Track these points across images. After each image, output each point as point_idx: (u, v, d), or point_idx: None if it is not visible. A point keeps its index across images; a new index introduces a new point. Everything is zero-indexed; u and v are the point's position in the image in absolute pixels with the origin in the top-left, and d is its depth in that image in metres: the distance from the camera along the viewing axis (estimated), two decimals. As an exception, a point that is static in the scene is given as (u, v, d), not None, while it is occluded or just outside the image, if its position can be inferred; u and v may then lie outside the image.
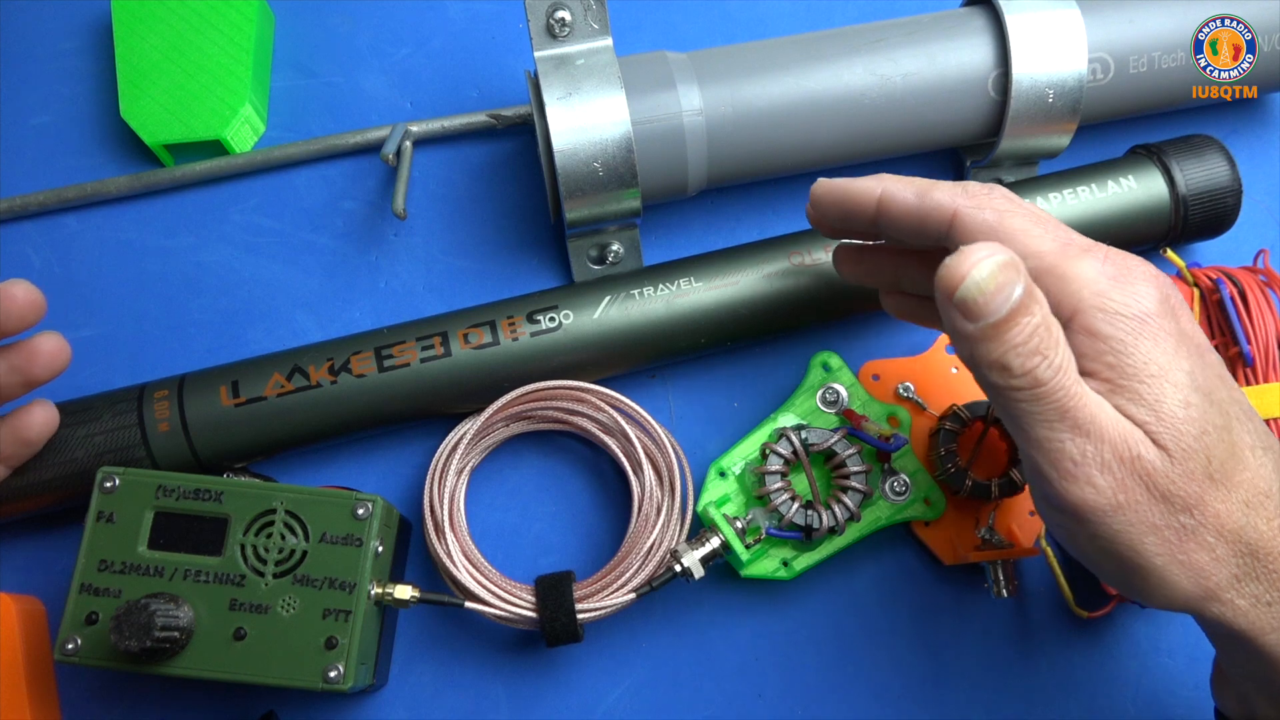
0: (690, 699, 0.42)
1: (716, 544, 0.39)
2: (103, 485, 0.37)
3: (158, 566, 0.37)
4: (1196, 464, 0.29)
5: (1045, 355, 0.28)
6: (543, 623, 0.39)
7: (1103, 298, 0.30)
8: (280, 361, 0.41)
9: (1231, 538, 0.29)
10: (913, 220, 0.33)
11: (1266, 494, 0.30)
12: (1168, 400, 0.29)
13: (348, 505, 0.37)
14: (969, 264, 0.28)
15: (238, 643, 0.36)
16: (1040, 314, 0.28)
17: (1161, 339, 0.29)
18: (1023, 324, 0.28)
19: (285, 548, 0.37)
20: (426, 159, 0.47)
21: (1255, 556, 0.29)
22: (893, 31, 0.43)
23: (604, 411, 0.42)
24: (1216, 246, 0.47)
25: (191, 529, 0.37)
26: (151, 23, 0.46)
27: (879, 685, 0.43)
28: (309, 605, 0.36)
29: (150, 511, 0.37)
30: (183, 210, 0.47)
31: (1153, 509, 0.29)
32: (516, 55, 0.49)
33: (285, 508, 0.37)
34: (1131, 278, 0.30)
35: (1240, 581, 0.29)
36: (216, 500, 0.37)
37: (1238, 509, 0.29)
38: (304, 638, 0.36)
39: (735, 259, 0.42)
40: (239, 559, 0.37)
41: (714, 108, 0.41)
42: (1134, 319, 0.29)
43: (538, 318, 0.41)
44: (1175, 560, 0.29)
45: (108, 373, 0.44)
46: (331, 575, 0.37)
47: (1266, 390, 0.42)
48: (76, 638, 0.36)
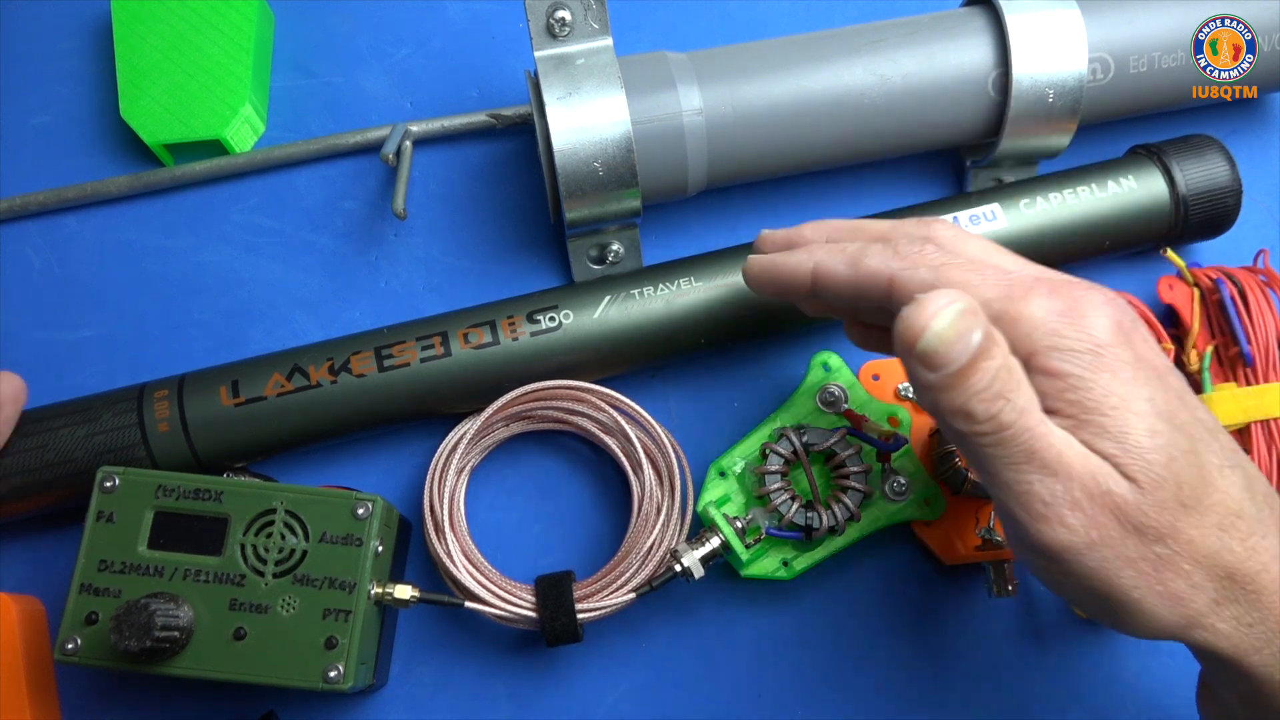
0: (690, 699, 0.42)
1: (716, 544, 0.39)
2: (103, 485, 0.37)
3: (158, 566, 0.36)
4: (1167, 492, 0.29)
5: (1008, 398, 0.28)
6: (543, 623, 0.39)
7: (1055, 336, 0.29)
8: (280, 361, 0.41)
9: (1207, 563, 0.29)
10: (850, 291, 0.33)
11: (1238, 514, 0.29)
12: (1133, 431, 0.29)
13: (348, 505, 0.37)
14: (927, 315, 0.27)
15: (238, 642, 0.36)
16: (1000, 356, 0.28)
17: (1119, 369, 0.29)
18: (984, 369, 0.28)
19: (285, 547, 0.37)
20: (426, 159, 0.47)
21: (1232, 579, 0.29)
22: (893, 31, 0.43)
23: (604, 411, 0.42)
24: (1216, 246, 0.47)
25: (192, 529, 0.37)
26: (151, 23, 0.46)
27: (879, 685, 0.43)
28: (309, 605, 0.36)
29: (150, 511, 0.37)
30: (182, 210, 0.47)
31: (1127, 542, 0.29)
32: (516, 55, 0.49)
33: (285, 507, 0.37)
34: (1081, 309, 0.30)
35: (1220, 605, 0.29)
36: (216, 500, 0.37)
37: (1211, 533, 0.29)
38: (304, 638, 0.36)
39: (735, 259, 0.42)
40: (239, 559, 0.37)
41: (714, 108, 0.41)
42: (1089, 353, 0.29)
43: (538, 317, 0.41)
44: (1154, 591, 0.29)
45: (108, 373, 0.44)
46: (331, 575, 0.37)
47: (1266, 390, 0.42)
48: (76, 637, 0.36)
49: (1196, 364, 0.43)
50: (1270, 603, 0.29)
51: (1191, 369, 0.43)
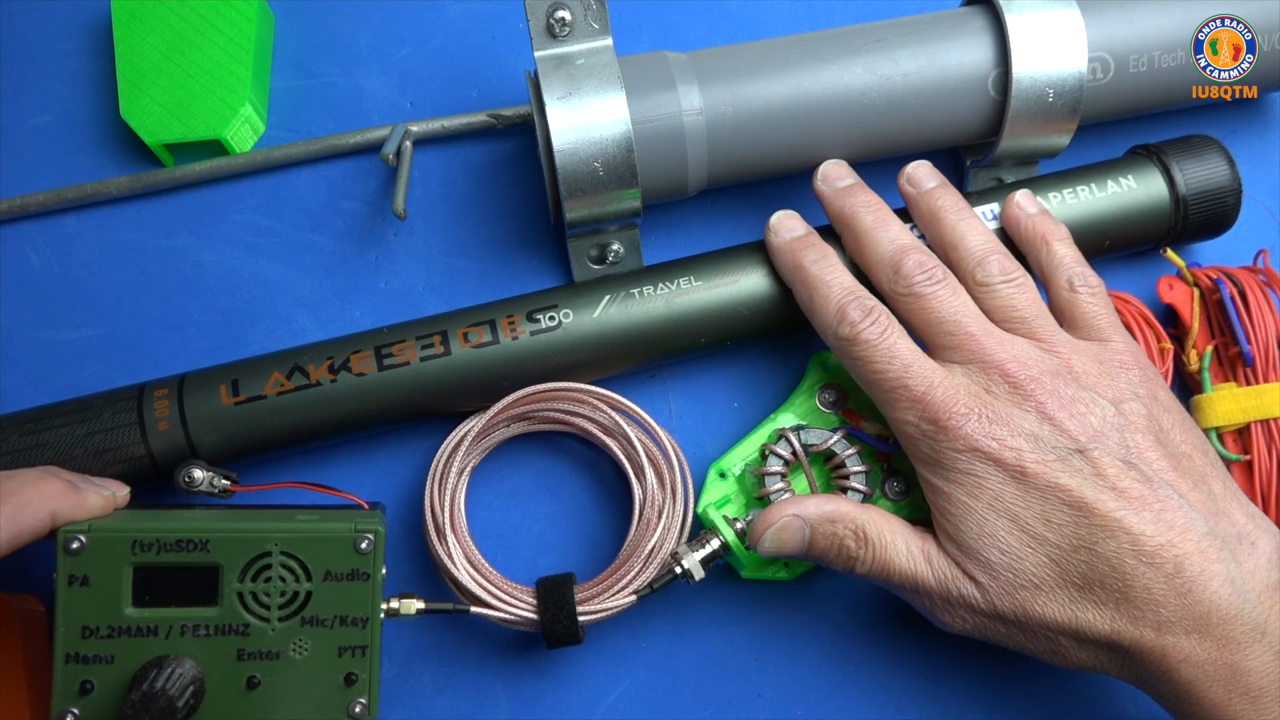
0: (691, 699, 0.42)
1: (717, 545, 0.39)
2: (68, 547, 0.34)
3: (149, 625, 0.34)
4: (1006, 583, 0.35)
5: (854, 555, 0.37)
6: (544, 625, 0.39)
7: (921, 450, 0.36)
8: (280, 360, 0.41)
9: (1077, 631, 0.34)
10: None
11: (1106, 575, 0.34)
12: (970, 536, 0.35)
13: (349, 540, 0.35)
14: (759, 530, 0.37)
15: (252, 692, 0.34)
16: (828, 538, 0.37)
17: (964, 480, 0.35)
18: (821, 546, 0.37)
19: (287, 590, 0.35)
20: (426, 159, 0.47)
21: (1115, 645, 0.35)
22: (893, 31, 0.43)
23: (605, 413, 0.42)
24: (1216, 246, 0.47)
25: (179, 581, 0.34)
26: (151, 23, 0.46)
27: (879, 685, 0.42)
28: (322, 645, 0.35)
29: (128, 568, 0.34)
30: (182, 210, 0.46)
31: (996, 626, 0.36)
32: (516, 55, 0.49)
33: (281, 549, 0.35)
34: (941, 454, 0.36)
35: (1112, 653, 0.35)
36: (203, 549, 0.34)
37: (1057, 606, 0.34)
38: (322, 678, 0.35)
39: (735, 259, 0.42)
40: (238, 607, 0.35)
41: (714, 108, 0.41)
42: (944, 465, 0.36)
43: (537, 317, 0.41)
44: (1048, 654, 0.36)
45: (108, 373, 0.44)
46: (342, 613, 0.35)
47: (1266, 390, 0.42)
48: (74, 709, 0.34)
49: (1196, 364, 0.43)
50: None
51: (1191, 369, 0.43)
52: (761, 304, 0.42)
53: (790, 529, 0.37)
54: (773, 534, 0.37)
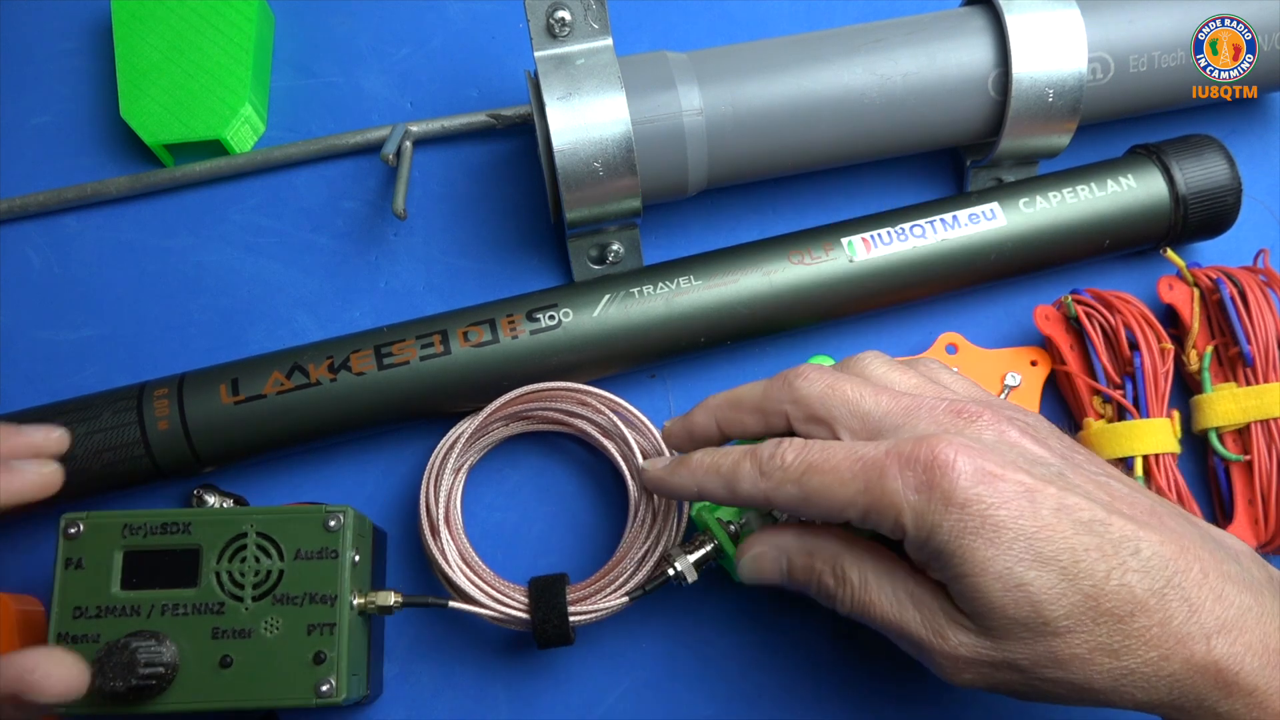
0: (689, 700, 0.42)
1: (710, 548, 0.39)
2: (66, 532, 0.36)
3: (134, 606, 0.36)
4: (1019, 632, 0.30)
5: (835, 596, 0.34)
6: (534, 624, 0.39)
7: (919, 519, 0.31)
8: (280, 360, 0.41)
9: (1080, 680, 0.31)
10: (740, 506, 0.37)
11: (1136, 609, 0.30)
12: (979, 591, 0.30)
13: (318, 519, 0.37)
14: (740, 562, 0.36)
15: (225, 670, 0.35)
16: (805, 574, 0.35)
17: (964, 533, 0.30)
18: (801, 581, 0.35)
19: (261, 570, 0.36)
20: (426, 159, 0.47)
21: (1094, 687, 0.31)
22: (892, 31, 0.43)
23: (603, 414, 0.42)
24: (1216, 246, 0.47)
25: (163, 564, 0.36)
26: (151, 23, 0.46)
27: (876, 686, 0.42)
28: (292, 623, 0.36)
29: (119, 552, 0.36)
30: (182, 210, 0.47)
31: (1013, 679, 0.31)
32: (516, 55, 0.49)
33: (256, 530, 0.37)
34: (933, 479, 0.30)
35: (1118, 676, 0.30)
36: (185, 531, 0.36)
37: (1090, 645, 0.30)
38: (291, 656, 0.36)
39: (735, 259, 0.42)
40: (215, 587, 0.36)
41: (714, 108, 0.41)
42: (944, 531, 0.30)
43: (537, 316, 0.41)
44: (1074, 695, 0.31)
45: (108, 372, 0.44)
46: (311, 590, 0.36)
47: (1266, 390, 0.42)
48: None
49: (1196, 364, 0.43)
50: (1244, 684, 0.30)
51: (1191, 369, 0.43)
52: (761, 304, 0.42)
53: (765, 559, 0.35)
54: (749, 562, 0.36)
